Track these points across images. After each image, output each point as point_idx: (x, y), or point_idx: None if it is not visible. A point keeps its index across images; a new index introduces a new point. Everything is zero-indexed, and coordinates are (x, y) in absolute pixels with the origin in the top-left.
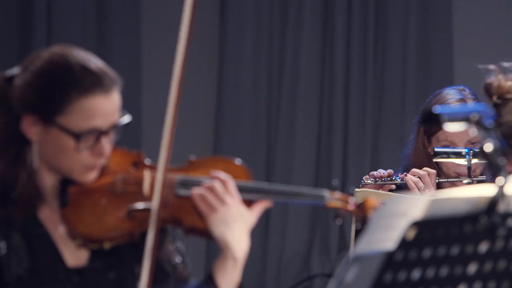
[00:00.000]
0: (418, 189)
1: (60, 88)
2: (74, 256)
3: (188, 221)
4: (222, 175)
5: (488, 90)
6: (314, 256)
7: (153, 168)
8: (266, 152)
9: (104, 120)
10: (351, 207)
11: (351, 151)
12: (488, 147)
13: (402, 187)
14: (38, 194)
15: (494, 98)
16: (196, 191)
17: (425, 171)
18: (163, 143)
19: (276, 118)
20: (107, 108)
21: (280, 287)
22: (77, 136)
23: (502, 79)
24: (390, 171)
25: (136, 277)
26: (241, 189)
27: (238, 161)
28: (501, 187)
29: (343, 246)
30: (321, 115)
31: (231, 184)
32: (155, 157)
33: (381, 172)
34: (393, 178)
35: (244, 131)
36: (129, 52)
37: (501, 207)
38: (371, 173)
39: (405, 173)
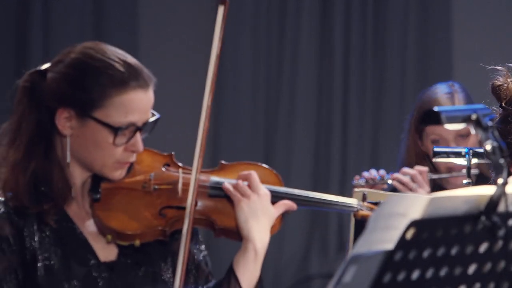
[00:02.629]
0: (410, 189)
1: (100, 81)
2: (104, 252)
3: (220, 221)
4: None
5: (497, 93)
6: (312, 256)
7: (184, 168)
8: (264, 152)
9: (141, 115)
10: None
11: (350, 151)
12: (488, 146)
13: (396, 188)
14: (70, 189)
15: (503, 103)
16: (229, 183)
17: (416, 169)
18: (197, 144)
19: (274, 117)
20: (144, 104)
21: (278, 286)
22: (116, 130)
23: (511, 82)
24: (382, 171)
25: (163, 274)
26: (273, 192)
27: (268, 167)
28: (501, 187)
29: (342, 246)
30: (320, 114)
31: (261, 184)
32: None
33: (373, 173)
34: (385, 178)
35: (242, 130)
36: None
37: (501, 207)
38: (362, 173)
39: (394, 174)
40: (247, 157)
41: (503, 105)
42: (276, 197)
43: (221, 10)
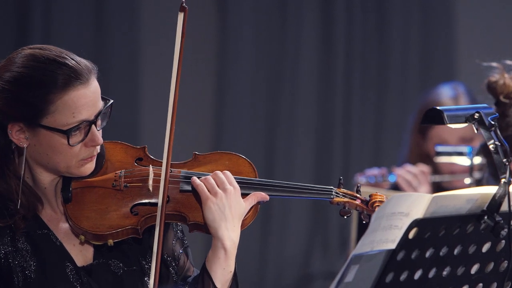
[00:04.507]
0: (412, 187)
1: (38, 90)
2: (81, 254)
3: (192, 216)
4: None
5: (493, 89)
6: (314, 255)
7: (158, 162)
8: (266, 150)
9: (90, 110)
10: (357, 202)
11: (351, 149)
12: (492, 146)
13: (397, 187)
14: (36, 197)
15: (501, 97)
16: (195, 178)
17: (418, 169)
18: (166, 138)
19: (276, 116)
20: (90, 98)
21: (280, 284)
22: (67, 132)
23: (507, 78)
24: (383, 170)
25: (143, 271)
26: (245, 183)
27: (243, 156)
28: (504, 186)
29: (344, 245)
30: (321, 112)
31: (232, 177)
32: (154, 154)
33: (374, 171)
34: (387, 178)
35: (244, 127)
36: (128, 47)
37: (504, 207)
38: (365, 171)
39: (398, 172)
40: (247, 155)
41: (500, 100)
42: (247, 188)
43: (181, 16)
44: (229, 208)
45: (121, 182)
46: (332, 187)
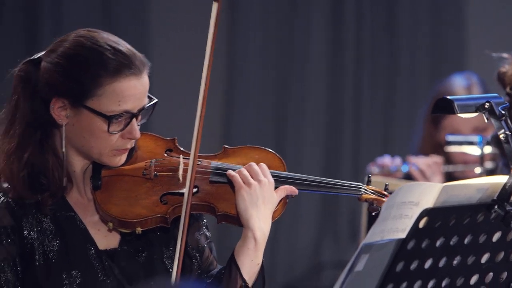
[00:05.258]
0: (426, 177)
1: (91, 70)
2: (105, 240)
3: (221, 207)
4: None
5: (502, 79)
6: (324, 244)
7: (188, 154)
8: (275, 140)
9: (135, 103)
10: (385, 199)
11: (361, 140)
12: (502, 135)
13: (410, 177)
14: (68, 177)
15: (508, 89)
16: (231, 170)
17: (432, 159)
18: (194, 129)
19: (285, 106)
20: (138, 91)
21: (291, 273)
22: (109, 118)
23: None
24: (397, 160)
25: (165, 261)
26: (275, 177)
27: (272, 151)
28: None
29: (354, 234)
30: (331, 102)
31: (267, 170)
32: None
33: (387, 160)
34: (401, 168)
35: (253, 118)
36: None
37: None
38: (376, 160)
39: (411, 162)
40: (257, 144)
41: (507, 91)
42: (278, 182)
43: (215, 6)
44: (262, 199)
45: (151, 171)
46: (360, 184)
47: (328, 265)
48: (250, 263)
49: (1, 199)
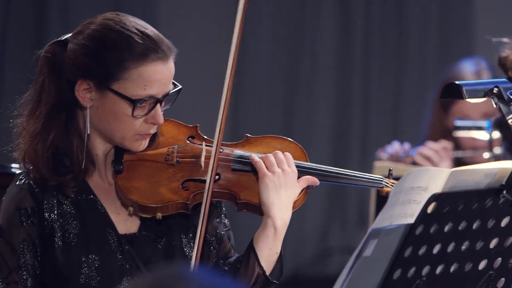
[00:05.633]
0: (433, 164)
1: (118, 53)
2: (125, 224)
3: (243, 195)
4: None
5: (503, 64)
6: (333, 229)
7: (210, 141)
8: (284, 127)
9: (161, 88)
10: None
11: (370, 126)
12: (511, 120)
13: (419, 163)
14: (90, 161)
15: (510, 73)
16: (255, 155)
17: (440, 145)
18: (218, 118)
19: (294, 92)
20: (164, 76)
21: (299, 259)
22: (134, 102)
23: None
24: (406, 145)
25: (183, 247)
26: (298, 167)
27: (294, 141)
28: None
29: (362, 219)
30: (340, 88)
31: (292, 159)
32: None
33: (396, 146)
34: (410, 154)
35: (262, 105)
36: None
37: None
38: (386, 147)
39: (419, 148)
40: (266, 132)
41: (510, 75)
42: (300, 172)
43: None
44: (285, 188)
45: (173, 157)
46: (382, 177)
47: (336, 251)
48: (269, 251)
49: (23, 181)
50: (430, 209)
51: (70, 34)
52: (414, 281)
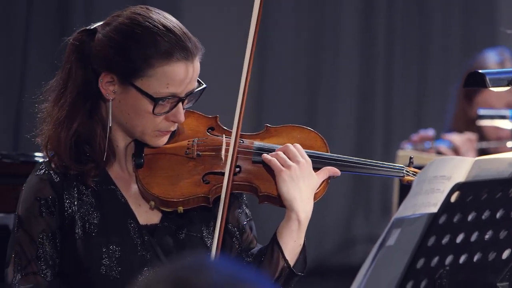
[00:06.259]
0: (460, 155)
1: (143, 50)
2: (146, 215)
3: (264, 188)
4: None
5: None
6: (356, 218)
7: (230, 132)
8: (307, 115)
9: (184, 87)
10: None
11: (394, 115)
12: None
13: (444, 153)
14: (112, 150)
15: None
16: (267, 154)
17: (465, 136)
18: (236, 110)
19: (317, 82)
20: (188, 75)
21: (322, 248)
22: (155, 100)
23: None
24: (430, 132)
25: (204, 239)
26: (317, 158)
27: (314, 131)
28: None
29: (386, 209)
30: (363, 78)
31: (303, 150)
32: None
33: (422, 134)
34: (434, 143)
35: (286, 94)
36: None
37: None
38: (410, 137)
39: (445, 139)
40: (290, 122)
41: None
42: (319, 163)
43: None
44: (303, 179)
45: (193, 150)
46: (403, 166)
47: (360, 240)
48: (293, 244)
49: (43, 171)
50: (453, 198)
51: (99, 23)
52: (438, 270)
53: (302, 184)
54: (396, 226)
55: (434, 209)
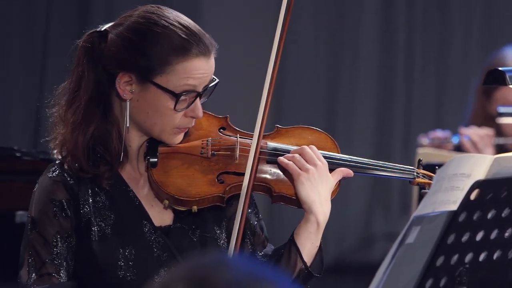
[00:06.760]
0: (478, 149)
1: (161, 47)
2: (159, 216)
3: (278, 188)
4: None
5: None
6: (376, 215)
7: (240, 132)
8: (326, 117)
9: (201, 82)
10: None
11: (413, 115)
12: None
13: (461, 149)
14: (124, 151)
15: None
16: (283, 157)
17: (483, 131)
18: (259, 111)
19: (336, 83)
20: (206, 70)
21: (342, 246)
22: (177, 96)
23: None
24: (447, 132)
25: (217, 239)
26: (330, 159)
27: (324, 132)
28: None
29: (405, 206)
30: (382, 77)
31: (318, 152)
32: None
33: (439, 133)
34: (451, 139)
35: (304, 96)
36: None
37: None
38: (428, 133)
39: (463, 133)
40: (308, 123)
41: None
42: (333, 164)
43: None
44: (321, 182)
45: (208, 149)
46: (413, 168)
47: (379, 238)
48: (311, 245)
49: (56, 172)
50: (473, 196)
51: (109, 25)
52: (457, 268)
53: (320, 187)
54: (416, 224)
55: (454, 207)
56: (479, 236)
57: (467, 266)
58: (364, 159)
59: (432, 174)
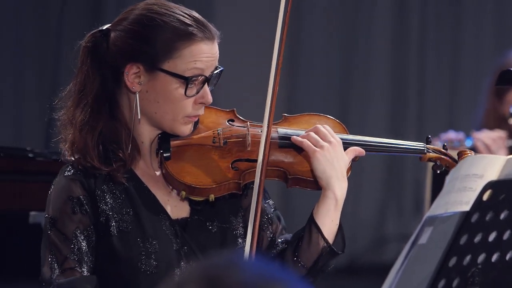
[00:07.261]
0: (491, 153)
1: (166, 34)
2: (175, 209)
3: (292, 170)
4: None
5: None
6: (388, 216)
7: (249, 122)
8: (339, 109)
9: (209, 66)
10: (447, 158)
11: (426, 114)
12: None
13: (475, 151)
14: (136, 148)
15: None
16: (298, 136)
17: (496, 134)
18: (267, 98)
19: (350, 78)
20: (212, 54)
21: (354, 246)
22: (187, 79)
23: None
24: (460, 134)
25: (234, 230)
26: (342, 140)
27: (332, 117)
28: None
29: (418, 207)
30: (396, 75)
31: (332, 130)
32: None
33: (451, 135)
34: (464, 143)
35: (317, 95)
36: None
37: None
38: (440, 135)
39: (476, 137)
40: (320, 110)
41: None
42: (345, 144)
43: None
44: (337, 158)
45: (220, 138)
46: (423, 143)
47: (392, 238)
48: (330, 223)
49: (72, 171)
50: (485, 196)
51: (109, 24)
52: (470, 268)
53: (336, 163)
54: (429, 224)
55: (467, 208)
56: (491, 237)
57: (479, 267)
58: (374, 138)
59: (441, 149)
